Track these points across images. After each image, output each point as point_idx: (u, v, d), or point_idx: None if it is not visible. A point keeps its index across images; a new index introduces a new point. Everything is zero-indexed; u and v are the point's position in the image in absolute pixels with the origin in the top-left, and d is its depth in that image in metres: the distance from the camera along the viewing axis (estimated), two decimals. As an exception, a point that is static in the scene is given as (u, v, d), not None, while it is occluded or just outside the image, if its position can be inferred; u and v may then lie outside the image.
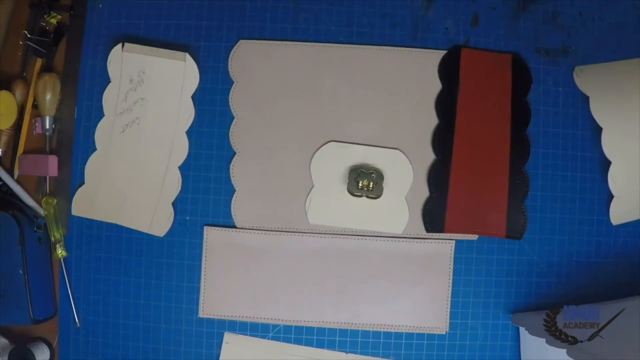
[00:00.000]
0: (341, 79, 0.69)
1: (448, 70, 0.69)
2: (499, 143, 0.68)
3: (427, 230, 0.68)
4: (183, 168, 0.70)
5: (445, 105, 0.69)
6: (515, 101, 0.69)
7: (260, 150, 0.69)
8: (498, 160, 0.68)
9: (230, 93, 0.70)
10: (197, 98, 0.69)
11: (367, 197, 0.67)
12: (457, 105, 0.68)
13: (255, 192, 0.69)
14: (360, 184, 0.66)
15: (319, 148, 0.69)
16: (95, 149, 0.69)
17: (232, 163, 0.69)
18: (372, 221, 0.68)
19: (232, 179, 0.69)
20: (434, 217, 0.68)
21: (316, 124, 0.69)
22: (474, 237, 0.69)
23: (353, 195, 0.67)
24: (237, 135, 0.69)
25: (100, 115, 0.70)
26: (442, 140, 0.68)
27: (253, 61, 0.70)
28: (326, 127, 0.69)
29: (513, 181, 0.68)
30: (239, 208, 0.69)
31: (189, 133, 0.69)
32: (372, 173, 0.66)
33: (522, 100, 0.69)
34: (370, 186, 0.66)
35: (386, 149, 0.69)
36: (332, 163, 0.69)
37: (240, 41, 0.70)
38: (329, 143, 0.69)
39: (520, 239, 0.68)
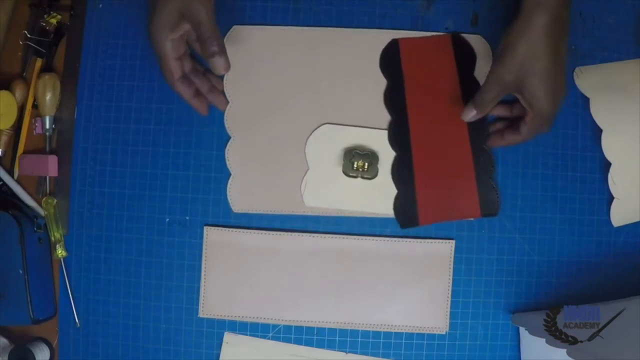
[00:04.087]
0: (335, 61, 0.70)
1: (389, 64, 0.69)
2: (456, 124, 0.68)
3: (402, 227, 0.68)
4: (183, 168, 0.70)
5: (394, 99, 0.69)
6: (463, 79, 0.69)
7: (255, 134, 0.69)
8: (458, 142, 0.68)
9: (225, 78, 0.70)
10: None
11: (362, 177, 0.67)
12: (406, 96, 0.68)
13: (251, 175, 0.69)
14: (355, 165, 0.67)
15: (313, 131, 0.69)
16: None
17: (228, 147, 0.69)
18: (367, 202, 0.68)
19: (227, 162, 0.69)
20: (406, 213, 0.68)
21: (310, 107, 0.69)
22: (474, 237, 0.69)
23: (348, 176, 0.67)
24: (232, 119, 0.69)
25: (100, 115, 0.70)
26: (398, 134, 0.68)
27: (247, 46, 0.70)
28: (320, 110, 0.69)
29: (477, 159, 0.68)
30: (234, 192, 0.69)
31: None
32: (367, 154, 0.66)
33: (469, 77, 0.69)
34: (365, 167, 0.67)
35: (380, 130, 0.69)
36: (327, 145, 0.69)
37: (234, 27, 0.70)
38: (324, 125, 0.69)
39: (496, 215, 0.68)
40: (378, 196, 0.68)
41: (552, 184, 0.69)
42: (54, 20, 0.71)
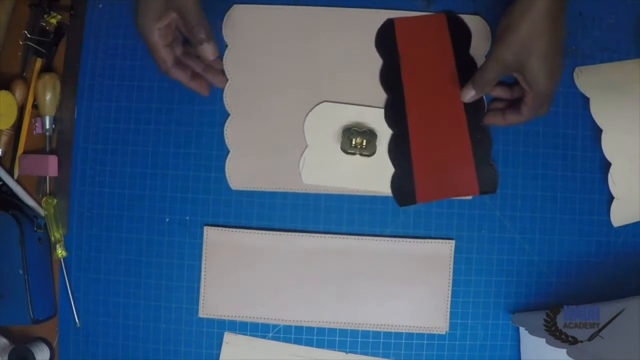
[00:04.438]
0: (334, 40, 0.70)
1: (385, 44, 0.70)
2: (452, 102, 0.68)
3: (400, 205, 0.68)
4: (183, 168, 0.70)
5: (390, 78, 0.69)
6: (459, 58, 0.69)
7: (254, 111, 0.70)
8: (455, 119, 0.68)
9: (225, 56, 0.70)
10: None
11: (361, 154, 0.67)
12: (402, 75, 0.69)
13: (249, 152, 0.69)
14: (353, 142, 0.67)
15: (312, 109, 0.69)
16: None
17: (227, 124, 0.69)
18: (365, 180, 0.69)
19: (226, 139, 0.69)
20: (404, 191, 0.68)
21: (309, 85, 0.70)
22: (474, 236, 0.69)
23: (346, 153, 0.68)
24: (231, 96, 0.70)
25: (100, 115, 0.71)
26: (395, 113, 0.69)
27: (247, 25, 0.70)
28: (319, 88, 0.70)
29: (474, 137, 0.68)
30: (233, 168, 0.69)
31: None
32: (365, 131, 0.67)
33: (465, 55, 0.69)
34: (364, 144, 0.67)
35: (379, 109, 0.69)
36: (325, 123, 0.69)
37: (234, 6, 0.70)
38: (322, 103, 0.69)
39: (494, 193, 0.68)
40: (376, 174, 0.69)
41: (552, 184, 0.69)
42: (54, 20, 0.71)
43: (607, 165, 0.68)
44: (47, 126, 0.70)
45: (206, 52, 0.62)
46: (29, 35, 0.71)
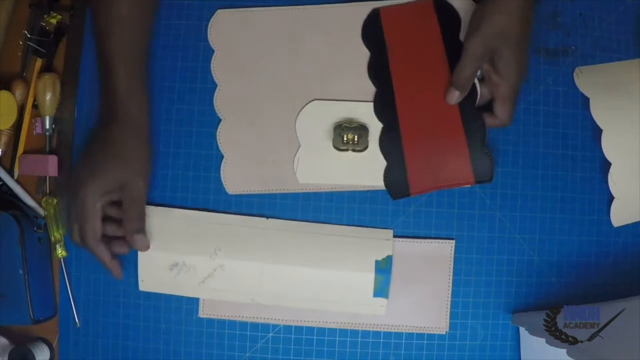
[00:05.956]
0: (320, 38, 0.70)
1: (372, 35, 0.69)
2: (443, 91, 0.66)
3: (393, 198, 0.68)
4: (183, 168, 0.70)
5: (378, 70, 0.68)
6: (448, 43, 0.68)
7: (245, 115, 0.69)
8: (446, 107, 0.67)
9: (212, 62, 0.70)
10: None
11: (353, 150, 0.67)
12: (390, 66, 0.68)
13: (243, 156, 0.69)
14: (345, 138, 0.67)
15: (302, 108, 0.69)
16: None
17: (219, 129, 0.69)
18: (360, 175, 0.68)
19: (219, 145, 0.69)
20: (397, 184, 0.67)
21: (299, 85, 0.69)
22: (474, 236, 0.69)
23: (339, 150, 0.67)
24: (222, 102, 0.70)
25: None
26: (384, 105, 0.68)
27: (232, 29, 0.70)
28: (308, 87, 0.69)
29: (467, 124, 0.66)
30: (228, 174, 0.69)
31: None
32: (356, 127, 0.67)
33: (455, 40, 0.68)
34: (355, 139, 0.66)
35: (368, 103, 0.69)
36: (316, 121, 0.69)
37: (218, 11, 0.70)
38: (312, 102, 0.69)
39: (490, 182, 0.67)
40: (370, 168, 0.68)
41: (552, 184, 0.69)
42: (54, 20, 0.71)
43: (607, 165, 0.68)
44: (47, 126, 0.70)
45: (140, 243, 0.63)
46: (29, 35, 0.71)
